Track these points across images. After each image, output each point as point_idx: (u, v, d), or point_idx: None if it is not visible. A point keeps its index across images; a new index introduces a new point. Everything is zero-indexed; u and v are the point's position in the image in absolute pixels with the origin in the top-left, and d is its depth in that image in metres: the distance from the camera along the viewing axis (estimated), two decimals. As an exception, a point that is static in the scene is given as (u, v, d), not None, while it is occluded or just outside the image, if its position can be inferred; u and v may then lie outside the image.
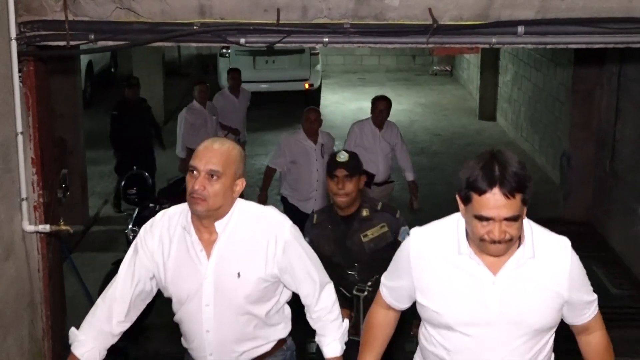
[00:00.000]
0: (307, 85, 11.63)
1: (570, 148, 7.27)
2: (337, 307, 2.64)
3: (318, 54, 11.78)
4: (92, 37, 3.39)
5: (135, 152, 6.97)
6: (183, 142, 6.75)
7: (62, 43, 3.40)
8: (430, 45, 3.49)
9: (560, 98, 7.98)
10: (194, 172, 2.37)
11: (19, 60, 3.36)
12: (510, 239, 2.05)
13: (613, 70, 6.60)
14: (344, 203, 3.36)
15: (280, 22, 3.35)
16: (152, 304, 2.65)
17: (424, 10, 3.36)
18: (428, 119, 11.70)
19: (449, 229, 2.22)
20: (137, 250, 2.51)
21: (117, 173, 7.20)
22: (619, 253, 6.34)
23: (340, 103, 12.69)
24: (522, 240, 2.14)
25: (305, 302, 2.60)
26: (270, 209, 2.57)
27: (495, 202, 1.99)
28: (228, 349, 2.52)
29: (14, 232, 3.42)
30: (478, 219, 2.03)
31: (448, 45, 3.57)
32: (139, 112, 7.16)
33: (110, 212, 7.36)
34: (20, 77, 3.40)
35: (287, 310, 2.65)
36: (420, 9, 3.37)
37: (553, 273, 2.15)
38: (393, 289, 2.39)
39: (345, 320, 2.69)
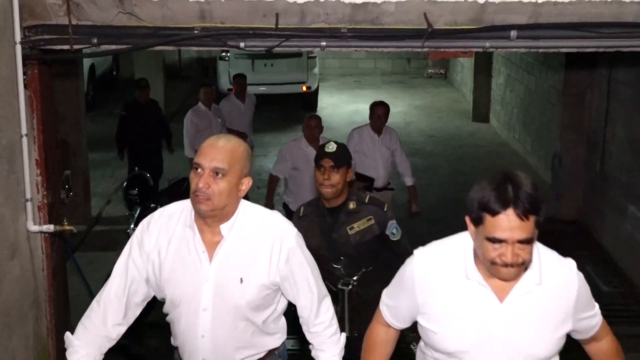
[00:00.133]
0: (304, 88, 11.73)
1: (562, 149, 7.33)
2: (335, 320, 2.55)
3: (315, 58, 11.86)
4: (95, 41, 3.41)
5: (140, 154, 7.00)
6: (191, 143, 6.77)
7: (65, 47, 3.40)
8: (426, 49, 3.49)
9: (552, 100, 8.04)
10: (198, 169, 2.26)
11: (24, 64, 3.38)
12: (523, 263, 1.97)
13: (603, 74, 6.66)
14: (329, 194, 3.29)
15: (279, 26, 3.36)
16: (154, 302, 2.55)
17: (419, 15, 3.37)
18: (423, 121, 11.80)
19: (456, 251, 2.12)
20: (132, 250, 2.41)
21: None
22: (609, 251, 6.41)
23: (337, 105, 12.78)
24: (529, 266, 2.05)
25: (303, 314, 2.49)
26: (276, 214, 2.47)
27: (509, 223, 1.91)
28: (222, 355, 2.41)
29: (19, 232, 3.45)
30: (490, 241, 1.95)
31: (443, 49, 3.57)
32: (148, 114, 7.16)
33: (112, 212, 7.37)
34: (25, 80, 3.41)
35: (282, 320, 2.57)
36: (416, 14, 3.38)
37: (560, 301, 2.09)
38: (393, 308, 2.29)
39: (343, 334, 2.58)
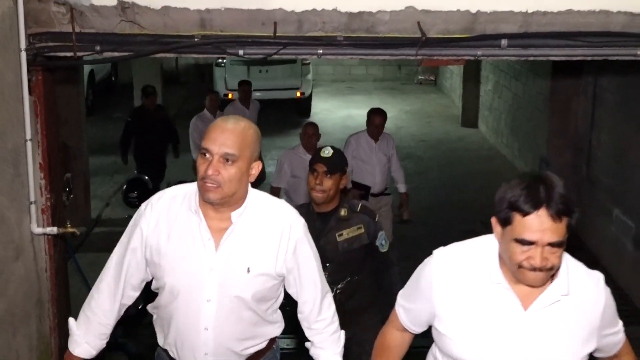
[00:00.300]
0: (298, 94, 11.90)
1: (549, 154, 7.44)
2: (336, 317, 2.46)
3: (309, 64, 12.03)
4: (97, 48, 3.45)
5: (145, 158, 7.09)
6: (197, 147, 6.83)
7: (69, 54, 3.45)
8: (419, 57, 3.56)
9: (539, 107, 8.16)
10: (207, 155, 2.11)
11: (28, 70, 3.42)
12: (551, 268, 1.85)
13: (589, 81, 6.77)
14: (320, 199, 3.23)
15: (277, 34, 3.43)
16: (153, 300, 2.44)
17: (413, 24, 3.43)
18: (413, 126, 11.94)
19: (479, 253, 2.00)
20: (130, 236, 2.31)
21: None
22: (595, 254, 6.48)
23: (330, 110, 12.91)
24: (556, 274, 1.93)
25: (304, 309, 2.39)
26: (284, 203, 2.38)
27: (541, 224, 1.80)
28: (225, 348, 2.29)
29: (24, 234, 3.50)
30: (519, 243, 1.83)
31: (436, 57, 3.62)
32: (155, 120, 7.25)
33: (112, 214, 7.43)
34: (29, 86, 3.47)
35: (279, 311, 2.48)
36: (410, 23, 3.44)
37: (586, 314, 1.96)
38: (410, 311, 2.16)
39: (342, 332, 2.50)
